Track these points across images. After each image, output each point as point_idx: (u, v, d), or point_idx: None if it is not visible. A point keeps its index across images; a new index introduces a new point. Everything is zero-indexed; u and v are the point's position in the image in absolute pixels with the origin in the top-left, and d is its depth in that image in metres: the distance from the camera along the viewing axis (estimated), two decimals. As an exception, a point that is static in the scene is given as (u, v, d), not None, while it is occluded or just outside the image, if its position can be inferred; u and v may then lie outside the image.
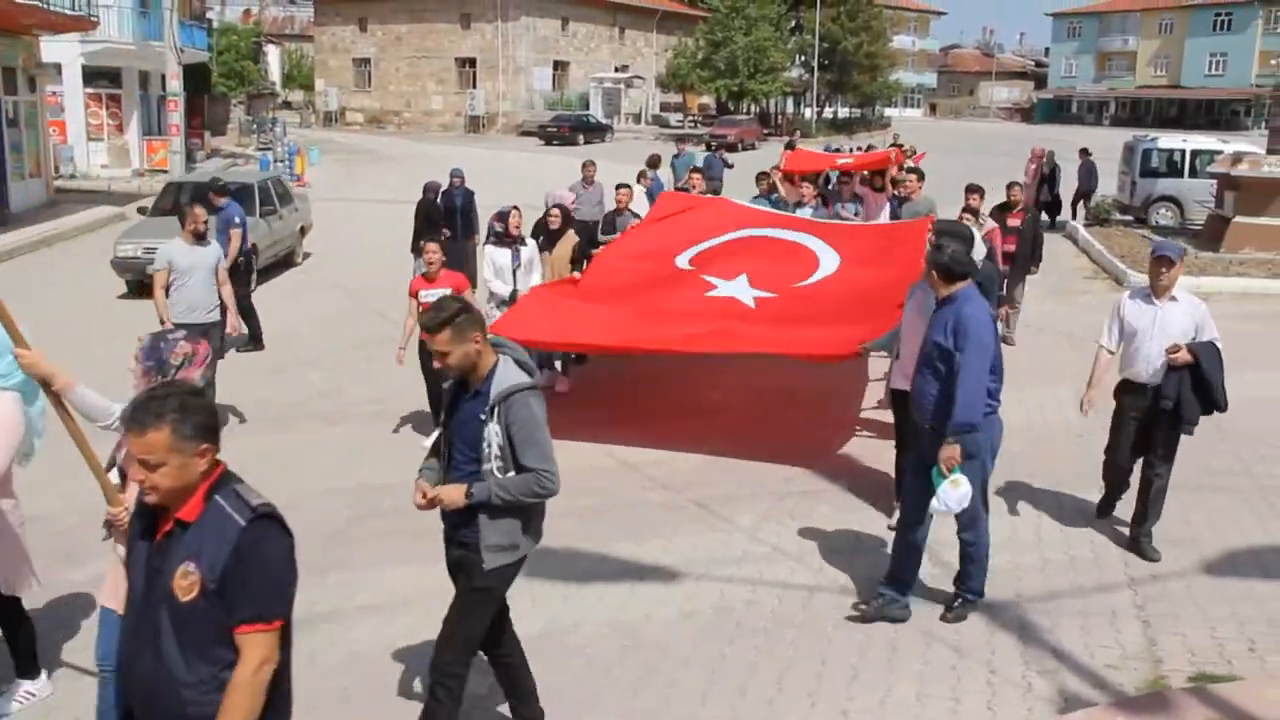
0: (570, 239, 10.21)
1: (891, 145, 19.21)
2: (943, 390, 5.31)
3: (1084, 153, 22.82)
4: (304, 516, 6.28)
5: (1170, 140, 23.53)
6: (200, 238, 8.53)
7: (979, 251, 8.35)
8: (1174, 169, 22.02)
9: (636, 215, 11.31)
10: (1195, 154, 21.76)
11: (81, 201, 23.27)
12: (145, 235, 14.53)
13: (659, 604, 5.85)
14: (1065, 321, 13.19)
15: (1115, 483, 6.93)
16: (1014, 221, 11.62)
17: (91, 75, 29.36)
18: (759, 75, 54.01)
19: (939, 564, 6.34)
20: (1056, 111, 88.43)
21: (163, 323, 8.28)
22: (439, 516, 4.18)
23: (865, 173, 15.90)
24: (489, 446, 3.99)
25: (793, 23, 61.40)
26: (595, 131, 48.97)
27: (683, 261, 9.34)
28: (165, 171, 26.89)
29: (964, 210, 9.97)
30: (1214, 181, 19.18)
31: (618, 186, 12.12)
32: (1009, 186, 12.11)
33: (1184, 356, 6.04)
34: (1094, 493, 7.51)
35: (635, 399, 9.12)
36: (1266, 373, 10.26)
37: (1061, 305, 14.28)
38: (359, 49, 60.02)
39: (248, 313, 11.02)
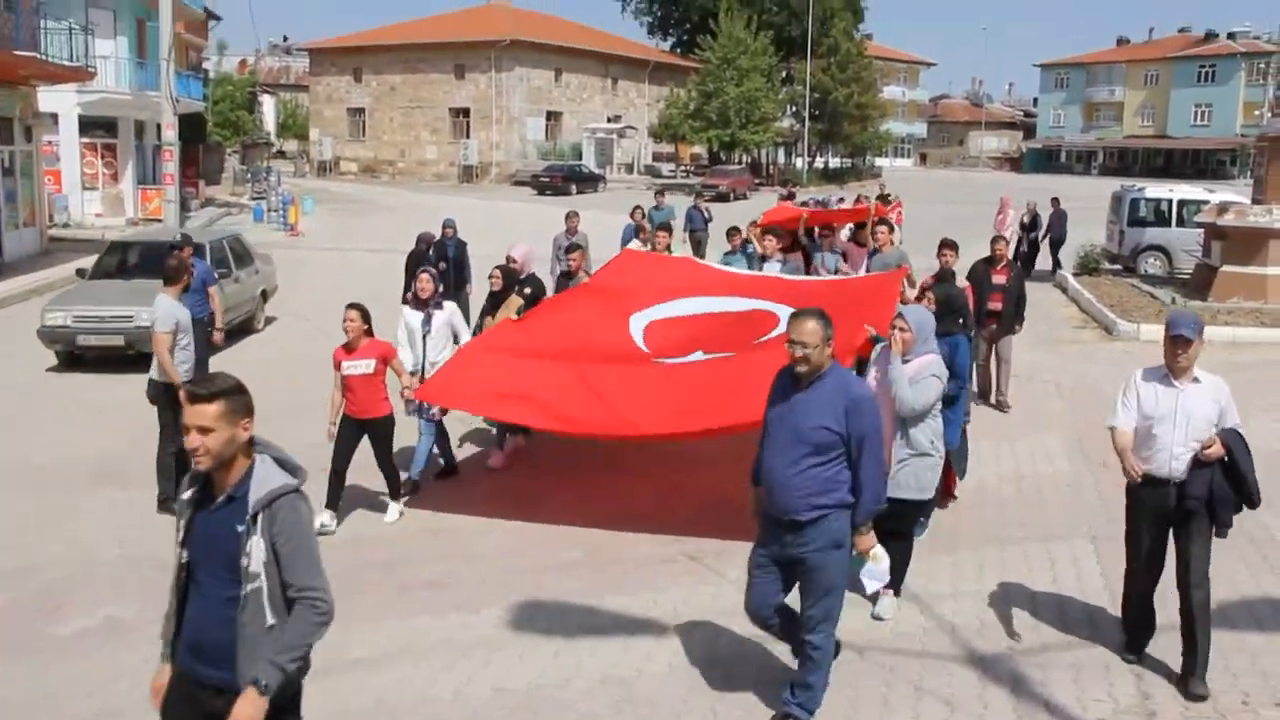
0: (514, 303, 9.32)
1: (877, 197, 18.95)
2: (830, 477, 4.83)
3: (1055, 202, 23.33)
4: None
5: (1157, 190, 23.80)
6: (187, 292, 8.55)
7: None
8: (1161, 218, 22.26)
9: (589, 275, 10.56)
10: (1182, 203, 22.01)
11: (75, 250, 23.27)
12: (76, 302, 13.22)
13: (650, 657, 5.82)
14: (1054, 371, 13.25)
15: (1140, 619, 5.83)
16: (999, 279, 11.10)
17: (87, 124, 29.58)
18: (750, 125, 54.68)
19: (931, 617, 6.32)
20: (1045, 161, 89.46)
21: (179, 389, 8.10)
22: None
23: (851, 226, 15.87)
24: (249, 563, 3.27)
25: (784, 74, 62.18)
26: (588, 181, 49.35)
27: (637, 331, 8.74)
28: (160, 220, 26.98)
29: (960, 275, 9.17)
30: (1201, 231, 19.39)
31: (567, 250, 11.48)
32: (993, 241, 11.54)
33: (1218, 451, 5.28)
34: (1084, 542, 7.52)
35: (625, 449, 9.10)
36: (1257, 422, 10.29)
37: (1050, 355, 14.33)
38: (353, 99, 60.66)
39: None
